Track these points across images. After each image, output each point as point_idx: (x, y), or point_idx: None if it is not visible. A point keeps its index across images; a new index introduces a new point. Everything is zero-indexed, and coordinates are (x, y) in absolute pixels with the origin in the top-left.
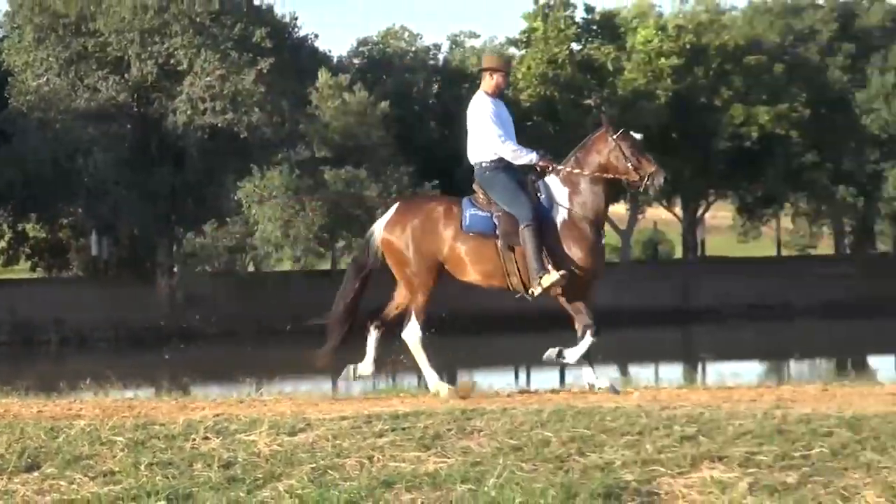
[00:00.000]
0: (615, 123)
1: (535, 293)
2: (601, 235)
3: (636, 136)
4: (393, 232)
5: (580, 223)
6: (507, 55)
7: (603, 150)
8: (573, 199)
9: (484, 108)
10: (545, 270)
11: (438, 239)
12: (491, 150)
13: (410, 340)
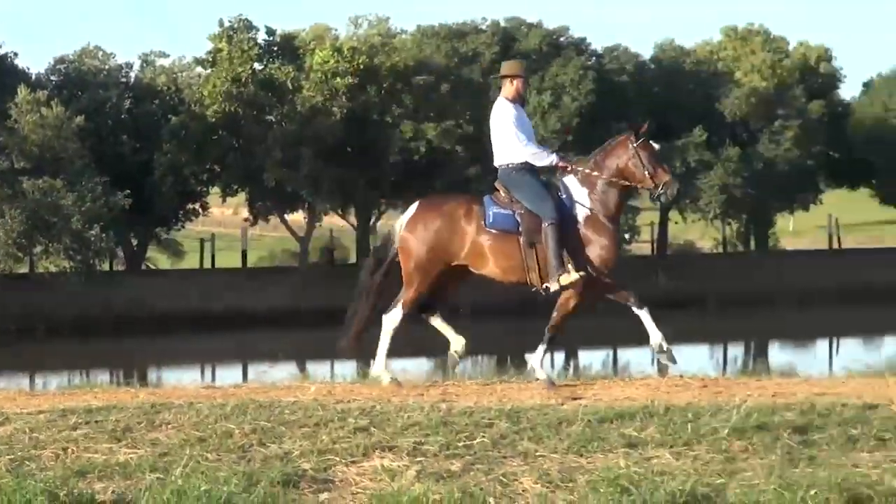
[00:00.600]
0: (639, 132)
1: (552, 289)
2: (618, 234)
3: (655, 145)
4: (414, 230)
5: (599, 222)
6: (524, 62)
7: (623, 156)
8: (592, 198)
9: (507, 113)
10: (565, 269)
11: (460, 237)
12: (515, 152)
13: (387, 324)
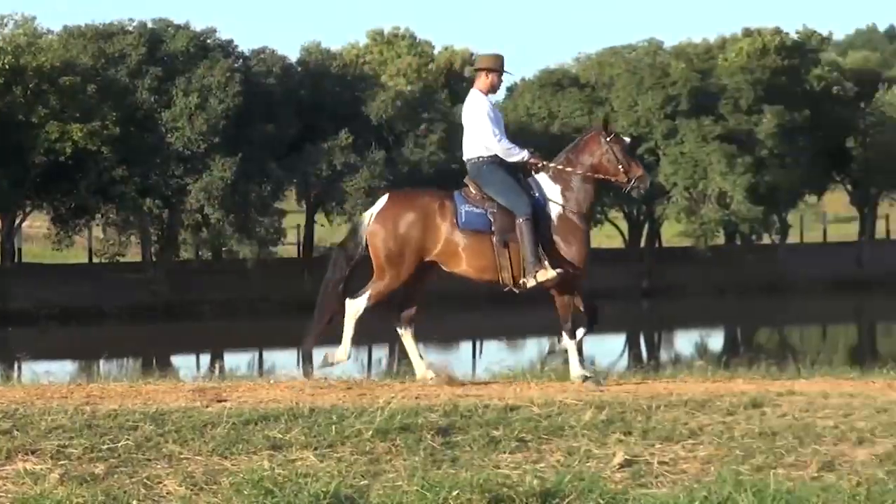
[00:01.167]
0: (608, 127)
1: (527, 286)
2: (589, 232)
3: (627, 140)
4: (385, 224)
5: (572, 219)
6: (502, 56)
7: (596, 151)
8: (565, 195)
9: (481, 105)
10: (541, 266)
11: (434, 234)
12: (486, 146)
13: (350, 309)
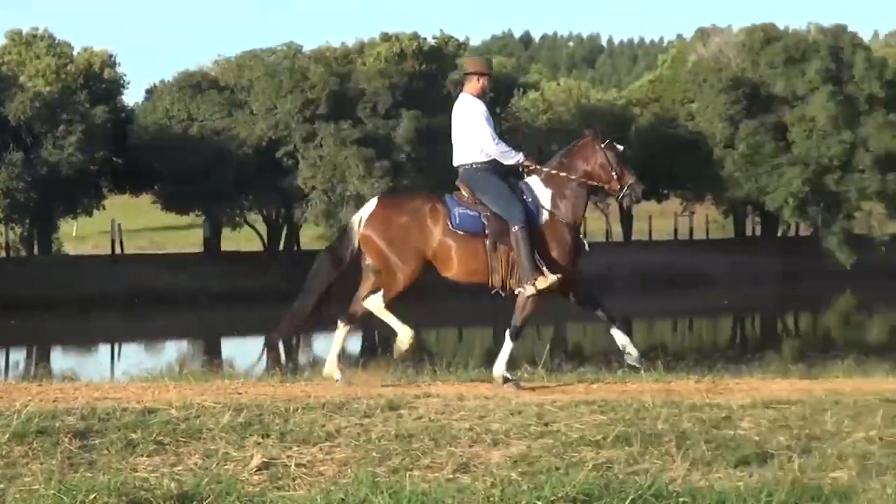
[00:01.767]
0: (603, 134)
1: (527, 294)
2: (580, 238)
3: (619, 147)
4: (377, 228)
5: (562, 226)
6: (490, 59)
7: (591, 157)
8: (556, 201)
9: (476, 109)
10: (539, 272)
11: (427, 236)
12: (482, 150)
13: (373, 305)
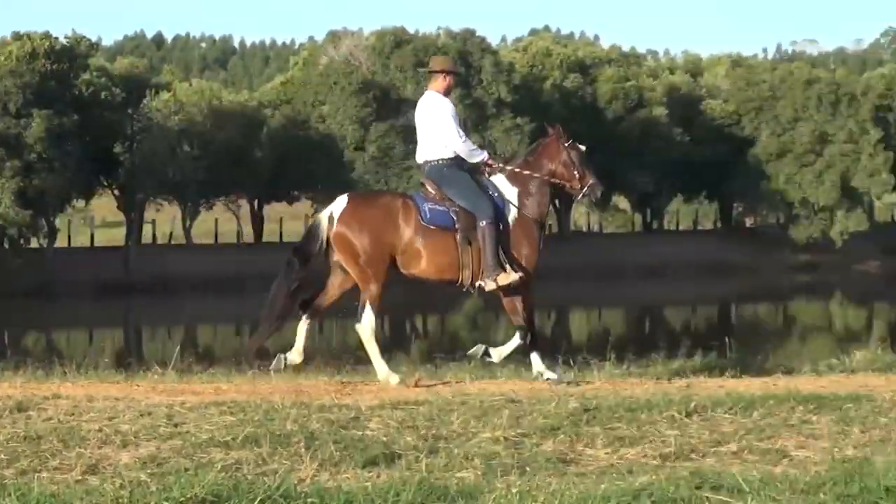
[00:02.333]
0: (565, 133)
1: (487, 288)
2: (543, 236)
3: (582, 147)
4: (350, 226)
5: (529, 222)
6: (455, 58)
7: (555, 156)
8: (522, 198)
9: (444, 106)
10: (502, 269)
11: (397, 232)
12: (448, 147)
13: (364, 332)
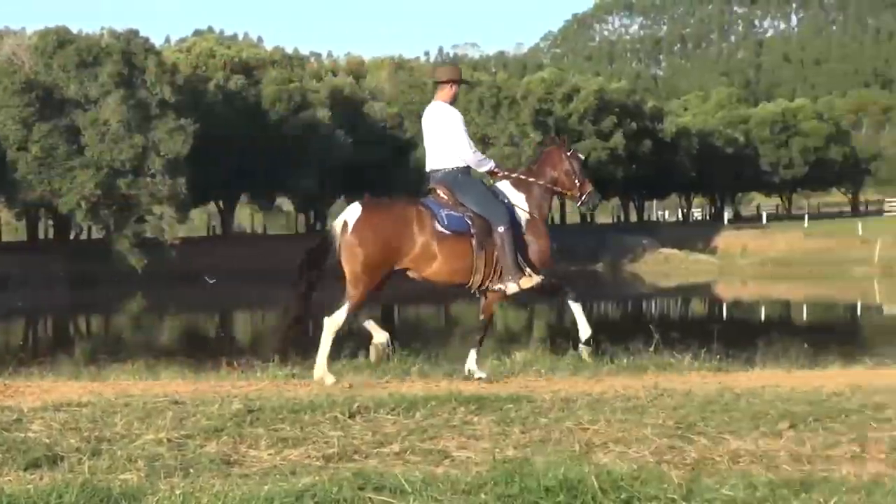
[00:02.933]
0: (568, 144)
1: (509, 292)
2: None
3: (581, 157)
4: (363, 233)
5: (538, 225)
6: (459, 66)
7: (558, 165)
8: (530, 202)
9: (454, 117)
10: (523, 273)
11: (411, 240)
12: (460, 156)
13: (330, 324)
